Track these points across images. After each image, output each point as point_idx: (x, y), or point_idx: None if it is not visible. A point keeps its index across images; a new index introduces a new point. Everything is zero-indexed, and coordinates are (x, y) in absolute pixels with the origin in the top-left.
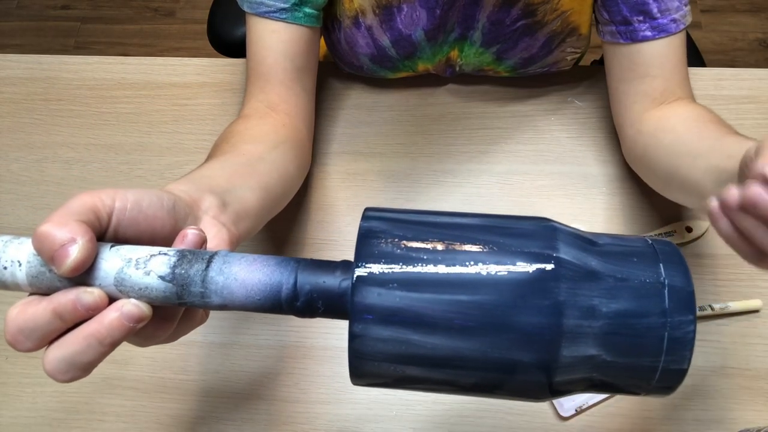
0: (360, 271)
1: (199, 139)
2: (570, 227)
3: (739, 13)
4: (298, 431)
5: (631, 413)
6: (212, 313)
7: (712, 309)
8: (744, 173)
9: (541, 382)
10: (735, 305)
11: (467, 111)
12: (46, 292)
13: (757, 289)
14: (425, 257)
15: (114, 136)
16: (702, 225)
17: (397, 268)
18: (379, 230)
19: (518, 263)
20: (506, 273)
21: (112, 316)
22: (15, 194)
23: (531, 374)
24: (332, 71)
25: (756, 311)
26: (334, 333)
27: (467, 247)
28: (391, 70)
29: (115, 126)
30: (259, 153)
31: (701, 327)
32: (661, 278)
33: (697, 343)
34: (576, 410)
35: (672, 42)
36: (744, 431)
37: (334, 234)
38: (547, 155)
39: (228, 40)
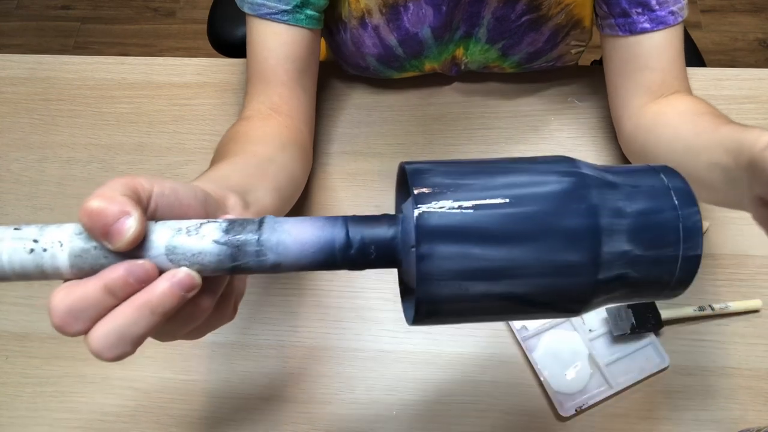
0: (419, 199)
1: (199, 139)
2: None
3: (739, 13)
4: (298, 431)
5: (631, 413)
6: None
7: (712, 309)
8: (757, 168)
9: (589, 281)
10: (735, 305)
11: (467, 111)
12: (87, 273)
13: (757, 289)
14: (471, 182)
15: (114, 136)
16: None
17: (449, 192)
18: (425, 169)
19: (552, 178)
20: (545, 187)
21: (164, 285)
22: (15, 194)
23: (580, 273)
24: (333, 71)
25: (756, 311)
26: (335, 333)
27: (506, 173)
28: (397, 70)
29: (115, 126)
30: (268, 155)
31: (701, 327)
32: (665, 182)
33: (697, 343)
34: (576, 410)
35: (670, 34)
36: (744, 431)
37: None
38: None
39: (228, 40)
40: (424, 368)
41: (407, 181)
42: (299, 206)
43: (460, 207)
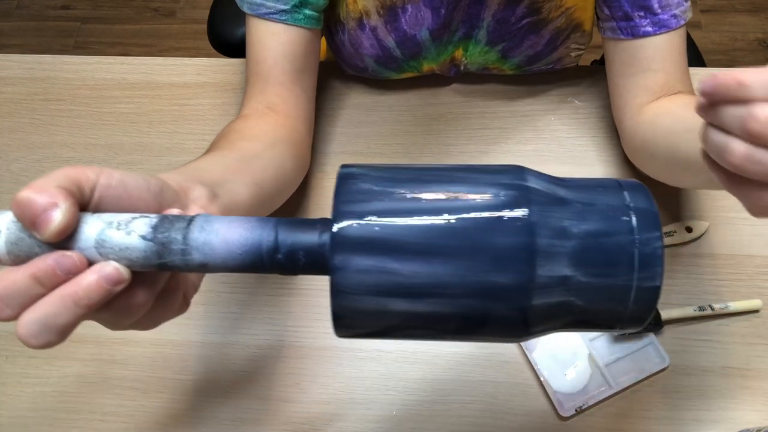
0: (340, 207)
1: (199, 139)
2: (537, 170)
3: (739, 13)
4: (298, 431)
5: (631, 413)
6: (212, 314)
7: (712, 309)
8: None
9: (520, 306)
10: (735, 305)
11: (467, 111)
12: (24, 261)
13: (757, 289)
14: (401, 191)
15: (114, 136)
16: (702, 225)
17: (374, 202)
18: (357, 173)
19: (490, 191)
20: (479, 199)
21: (90, 278)
22: (15, 194)
23: (509, 297)
24: (333, 71)
25: (756, 311)
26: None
27: (442, 182)
28: (395, 71)
29: (115, 126)
30: (255, 150)
31: (701, 327)
32: (626, 202)
33: (697, 343)
34: (576, 410)
35: (673, 37)
36: (744, 431)
37: None
38: (547, 155)
39: (228, 40)
40: (424, 368)
41: None
42: (297, 206)
43: (382, 218)
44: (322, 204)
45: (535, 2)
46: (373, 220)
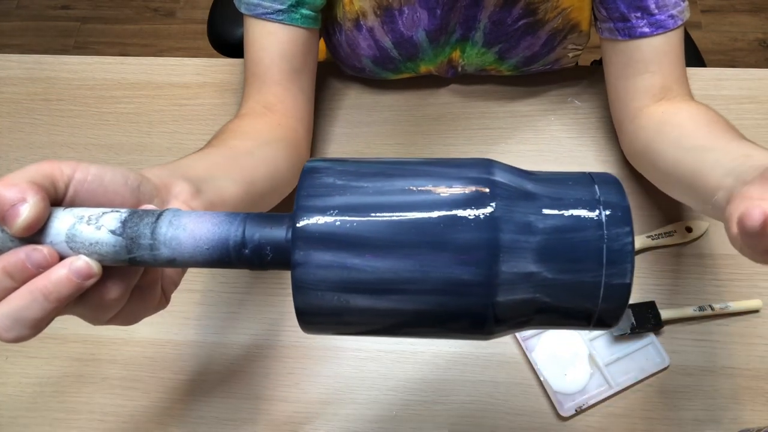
0: (300, 202)
1: (199, 139)
2: (508, 164)
3: (739, 13)
4: (298, 431)
5: (631, 413)
6: (212, 314)
7: (712, 309)
8: None
9: (484, 303)
10: (735, 305)
11: (467, 111)
12: None
13: (757, 289)
14: (365, 185)
15: (114, 136)
16: (702, 225)
17: (336, 196)
18: (322, 167)
19: (454, 186)
20: (442, 194)
21: (60, 272)
22: None
23: (472, 293)
24: (332, 71)
25: (756, 311)
26: None
27: (406, 176)
28: (393, 72)
29: (115, 126)
30: (247, 148)
31: (701, 327)
32: (596, 196)
33: (697, 343)
34: (576, 410)
35: (670, 38)
36: (744, 431)
37: None
38: (547, 155)
39: (228, 40)
40: (424, 368)
41: None
42: None
43: (343, 213)
44: None
45: (531, 3)
46: (334, 215)
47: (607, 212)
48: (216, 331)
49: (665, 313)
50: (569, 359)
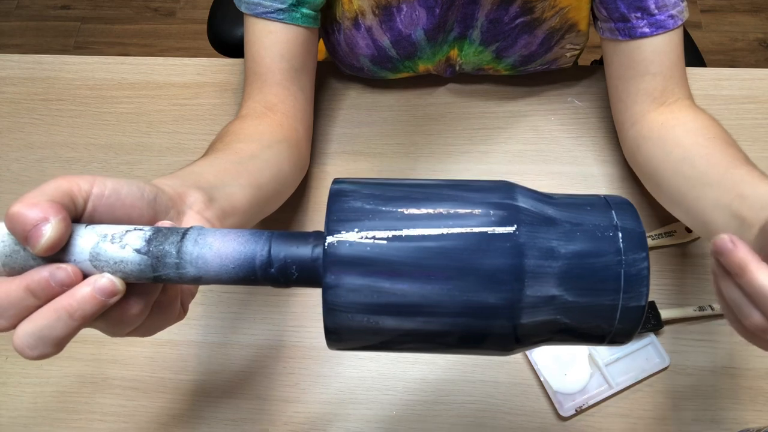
0: (332, 225)
1: (199, 139)
2: (527, 187)
3: (739, 13)
4: (298, 431)
5: (631, 413)
6: (212, 314)
7: (713, 309)
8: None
9: (508, 325)
10: None
11: (467, 111)
12: (19, 272)
13: None
14: (393, 209)
15: (114, 136)
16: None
17: (366, 221)
18: (349, 190)
19: (480, 210)
20: (469, 220)
21: (85, 290)
22: (15, 194)
23: (498, 316)
24: (332, 71)
25: None
26: None
27: (432, 200)
28: (391, 71)
29: (115, 126)
30: (252, 151)
31: (701, 327)
32: (614, 222)
33: (697, 343)
34: (576, 410)
35: (670, 38)
36: (744, 431)
37: None
38: (547, 155)
39: (228, 40)
40: (424, 368)
41: None
42: (297, 207)
43: (373, 237)
44: (321, 203)
45: (528, 2)
46: (365, 240)
47: (625, 237)
48: (217, 331)
49: (665, 313)
50: (569, 359)
